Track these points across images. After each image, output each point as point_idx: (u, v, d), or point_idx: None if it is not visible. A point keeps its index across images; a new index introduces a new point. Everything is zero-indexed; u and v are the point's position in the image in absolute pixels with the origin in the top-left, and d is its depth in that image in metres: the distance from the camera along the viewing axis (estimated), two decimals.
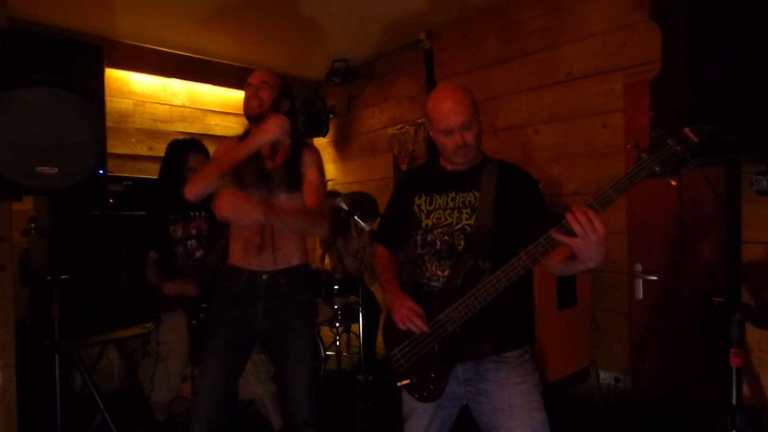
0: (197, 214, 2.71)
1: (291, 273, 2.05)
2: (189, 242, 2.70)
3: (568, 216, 1.25)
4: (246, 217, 1.75)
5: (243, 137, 2.07)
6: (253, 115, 2.02)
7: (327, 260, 4.25)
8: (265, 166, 2.04)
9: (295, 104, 2.16)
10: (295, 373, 2.03)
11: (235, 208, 1.74)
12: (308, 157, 2.11)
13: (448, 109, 1.57)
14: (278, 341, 2.08)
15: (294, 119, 2.10)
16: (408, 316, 1.57)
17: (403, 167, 4.37)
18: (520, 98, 3.44)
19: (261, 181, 2.01)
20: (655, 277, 2.61)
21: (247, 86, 2.07)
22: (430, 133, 1.69)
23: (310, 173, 2.11)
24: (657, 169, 1.19)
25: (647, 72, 2.56)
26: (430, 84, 3.98)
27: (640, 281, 2.65)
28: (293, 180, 2.03)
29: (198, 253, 2.67)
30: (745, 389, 2.10)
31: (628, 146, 1.25)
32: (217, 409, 1.96)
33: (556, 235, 1.28)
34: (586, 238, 1.23)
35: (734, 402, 1.74)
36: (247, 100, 2.05)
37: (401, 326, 1.60)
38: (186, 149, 2.73)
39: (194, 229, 2.71)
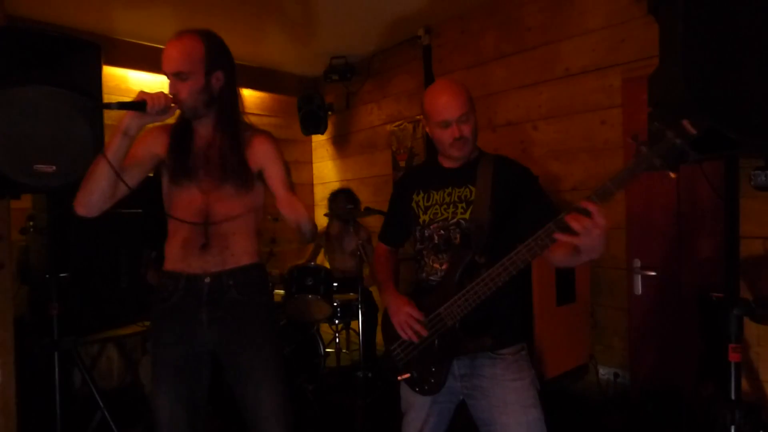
0: None
1: (240, 273, 1.71)
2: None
3: (568, 218, 1.23)
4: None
5: (178, 122, 1.78)
6: (178, 108, 1.74)
7: (321, 257, 4.25)
8: (205, 155, 1.72)
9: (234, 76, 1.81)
10: (259, 398, 1.67)
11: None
12: (260, 146, 1.75)
13: (445, 101, 1.59)
14: (232, 359, 1.70)
15: (234, 97, 1.79)
16: (407, 323, 1.58)
17: (402, 164, 4.37)
18: (519, 94, 3.44)
19: (196, 172, 1.70)
20: (653, 273, 2.62)
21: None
22: (427, 128, 1.70)
23: (270, 165, 1.74)
24: (657, 162, 1.19)
25: (646, 67, 2.56)
26: (429, 81, 3.98)
27: (639, 277, 2.65)
28: (243, 175, 1.71)
29: None
30: (744, 384, 2.10)
31: (628, 139, 1.25)
32: None
33: (558, 236, 1.27)
34: (589, 234, 1.21)
35: (733, 397, 1.75)
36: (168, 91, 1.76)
37: (402, 334, 1.61)
38: None
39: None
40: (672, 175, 1.20)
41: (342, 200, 3.97)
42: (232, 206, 1.71)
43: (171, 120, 1.75)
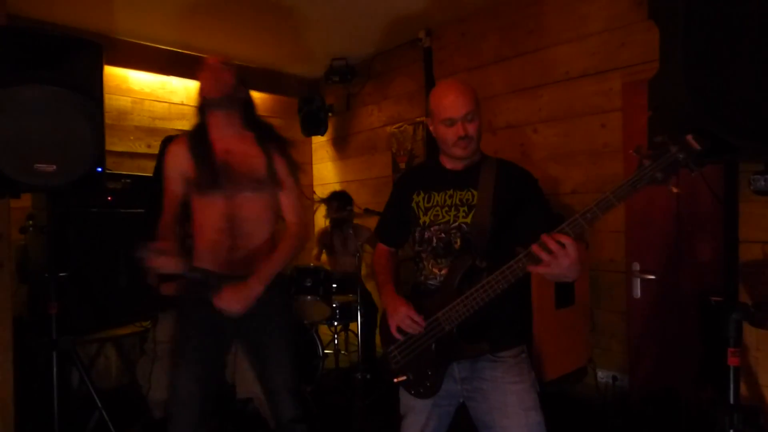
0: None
1: None
2: (187, 240, 2.70)
3: (534, 247, 1.30)
4: (251, 300, 1.80)
5: (194, 134, 1.94)
6: (215, 97, 1.87)
7: (324, 258, 4.25)
8: (226, 164, 1.89)
9: (249, 93, 2.02)
10: (274, 376, 1.95)
11: (244, 303, 1.79)
12: (279, 153, 1.97)
13: (452, 99, 1.59)
14: (254, 345, 1.98)
15: (251, 108, 2.00)
16: (404, 322, 1.58)
17: (402, 166, 4.37)
18: (519, 97, 3.44)
19: (221, 182, 1.86)
20: (652, 276, 2.62)
21: (205, 68, 1.90)
22: (431, 127, 1.69)
23: (284, 177, 1.97)
24: (659, 176, 1.19)
25: (646, 71, 2.57)
26: (429, 83, 3.99)
27: (638, 280, 2.66)
28: (260, 179, 1.91)
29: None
30: (743, 388, 2.10)
31: (630, 151, 1.25)
32: (197, 420, 1.82)
33: (530, 268, 1.33)
34: (554, 265, 1.28)
35: (732, 401, 1.75)
36: (206, 81, 1.87)
37: (396, 334, 1.61)
38: None
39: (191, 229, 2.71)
40: (674, 189, 1.21)
41: (335, 206, 3.97)
42: (254, 208, 1.90)
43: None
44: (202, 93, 1.89)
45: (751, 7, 1.43)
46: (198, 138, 1.92)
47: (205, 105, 1.92)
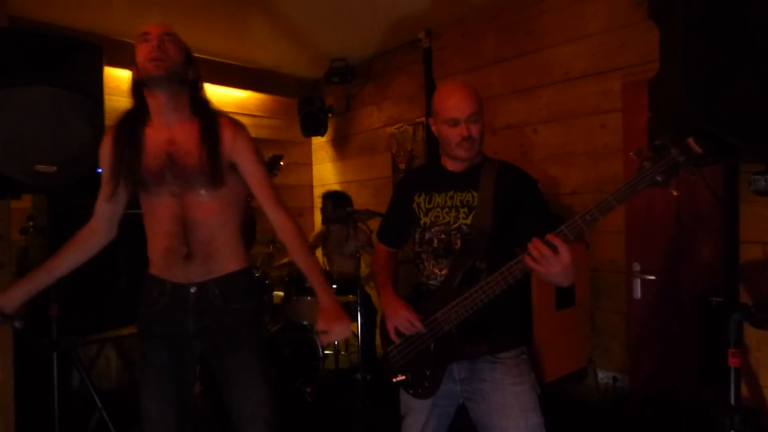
0: None
1: (226, 281, 1.65)
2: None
3: (530, 246, 1.32)
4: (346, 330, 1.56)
5: (126, 121, 1.63)
6: (157, 75, 1.54)
7: (322, 260, 4.25)
8: (170, 156, 1.58)
9: (198, 72, 1.68)
10: (243, 403, 1.63)
11: (346, 321, 1.57)
12: (235, 138, 1.62)
13: (457, 100, 1.60)
14: (219, 365, 1.67)
15: (200, 90, 1.68)
16: (403, 325, 1.59)
17: (402, 166, 4.37)
18: (519, 98, 3.44)
19: (165, 179, 1.57)
20: (653, 277, 2.62)
21: (144, 38, 1.59)
22: (433, 127, 1.70)
23: (251, 167, 1.64)
24: (659, 178, 1.20)
25: (646, 72, 2.57)
26: (429, 83, 3.99)
27: (638, 281, 2.66)
28: (216, 174, 1.58)
29: None
30: (744, 389, 2.10)
31: (631, 154, 1.26)
32: None
33: (528, 261, 1.35)
34: (549, 268, 1.30)
35: (732, 402, 1.75)
36: (146, 55, 1.56)
37: (393, 336, 1.63)
38: None
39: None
40: (674, 193, 1.21)
41: (330, 206, 3.96)
42: (209, 207, 1.60)
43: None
44: (141, 69, 1.58)
45: (750, 8, 1.43)
46: (131, 125, 1.62)
47: (143, 84, 1.60)
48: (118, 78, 3.96)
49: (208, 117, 1.64)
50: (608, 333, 3.00)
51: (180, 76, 1.58)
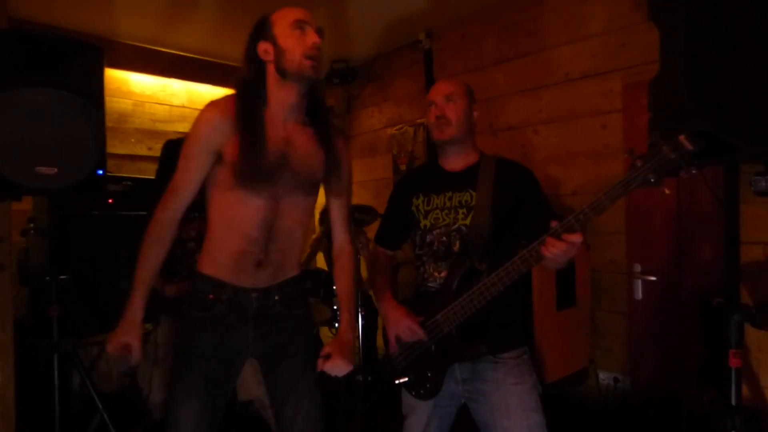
0: (197, 215, 2.69)
1: (285, 287, 1.58)
2: (188, 244, 2.69)
3: (543, 249, 1.33)
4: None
5: (247, 104, 1.47)
6: (310, 77, 1.47)
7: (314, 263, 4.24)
8: (285, 156, 1.47)
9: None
10: (300, 409, 1.56)
11: (351, 359, 1.51)
12: (345, 150, 1.60)
13: (436, 86, 1.70)
14: (275, 370, 1.59)
15: (320, 94, 1.60)
16: (406, 335, 1.60)
17: (402, 168, 4.37)
18: (519, 99, 3.44)
19: (274, 178, 1.45)
20: (654, 278, 2.61)
21: (299, 25, 1.47)
22: (426, 121, 1.76)
23: (347, 184, 1.62)
24: (651, 177, 1.19)
25: (646, 72, 2.56)
26: (430, 84, 3.98)
27: (639, 281, 2.65)
28: (316, 183, 1.55)
29: (197, 255, 2.66)
30: (745, 390, 2.09)
31: (625, 154, 1.26)
32: None
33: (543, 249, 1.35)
34: (568, 254, 1.33)
35: (733, 403, 1.75)
36: (305, 50, 1.44)
37: (393, 344, 1.65)
38: None
39: (193, 231, 2.70)
40: (667, 190, 1.20)
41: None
42: (299, 216, 1.54)
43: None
44: (290, 60, 1.42)
45: (750, 9, 1.43)
46: (253, 111, 1.45)
47: (282, 74, 1.45)
48: (118, 80, 3.98)
49: (326, 124, 1.56)
50: (609, 334, 3.00)
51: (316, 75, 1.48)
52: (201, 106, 1.54)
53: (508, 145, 3.48)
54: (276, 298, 1.55)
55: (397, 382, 1.68)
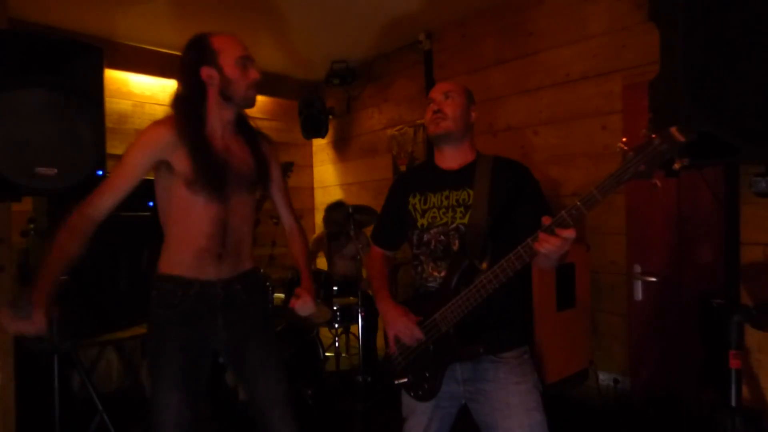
0: None
1: (245, 278, 1.78)
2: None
3: (536, 245, 1.32)
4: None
5: (188, 120, 1.63)
6: (249, 104, 1.72)
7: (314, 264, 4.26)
8: (227, 163, 1.68)
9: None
10: (270, 390, 1.76)
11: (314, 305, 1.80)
12: (273, 154, 1.86)
13: (437, 86, 1.72)
14: (241, 356, 1.78)
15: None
16: (404, 333, 1.61)
17: (402, 168, 4.37)
18: (519, 99, 3.44)
19: (222, 183, 1.64)
20: (654, 279, 2.61)
21: (245, 54, 1.68)
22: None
23: (279, 178, 1.89)
24: (642, 168, 1.19)
25: (646, 73, 2.56)
26: (430, 85, 3.99)
27: (639, 282, 2.65)
28: (264, 180, 1.80)
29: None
30: (745, 391, 2.09)
31: (618, 144, 1.25)
32: None
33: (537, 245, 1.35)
34: (561, 249, 1.32)
35: (733, 404, 1.75)
36: (250, 79, 1.67)
37: (392, 344, 1.64)
38: None
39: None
40: (658, 183, 1.20)
41: (336, 219, 4.00)
42: (246, 213, 1.76)
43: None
44: (235, 87, 1.64)
45: (750, 10, 1.43)
46: (198, 128, 1.64)
47: (225, 96, 1.65)
48: (118, 80, 3.98)
49: (253, 132, 1.82)
50: (609, 334, 3.00)
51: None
52: None
53: (508, 145, 3.48)
54: (238, 287, 1.74)
55: (396, 382, 1.68)
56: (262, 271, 3.55)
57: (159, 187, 1.69)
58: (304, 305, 1.76)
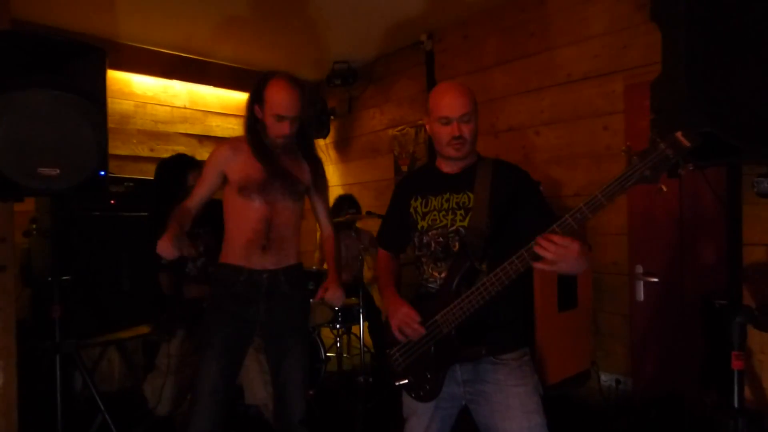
0: (201, 231, 2.72)
1: (289, 272, 2.08)
2: (199, 260, 2.73)
3: (536, 248, 1.31)
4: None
5: (258, 142, 2.02)
6: (282, 144, 2.04)
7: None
8: (286, 170, 2.05)
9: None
10: (292, 371, 2.06)
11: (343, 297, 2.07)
12: (317, 167, 2.16)
13: (450, 99, 1.61)
14: (276, 340, 2.09)
15: (305, 128, 2.12)
16: (404, 322, 1.59)
17: (404, 168, 4.38)
18: (521, 100, 3.44)
19: (274, 190, 2.01)
20: (655, 279, 2.61)
21: (282, 86, 1.97)
22: (427, 126, 1.71)
23: (323, 192, 2.21)
24: (648, 173, 1.18)
25: (648, 74, 2.56)
26: (431, 85, 3.99)
27: (641, 283, 2.65)
28: (301, 191, 2.11)
29: (211, 269, 2.69)
30: (747, 392, 2.09)
31: (621, 149, 1.25)
32: (216, 414, 1.94)
33: (537, 265, 1.34)
34: (564, 260, 1.29)
35: (736, 404, 1.74)
36: (282, 129, 1.98)
37: (397, 335, 1.62)
38: (184, 167, 2.77)
39: (202, 246, 2.73)
40: (663, 188, 1.20)
41: (345, 207, 4.01)
42: (289, 216, 2.07)
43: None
44: (273, 130, 1.97)
45: (752, 10, 1.43)
46: (262, 146, 2.03)
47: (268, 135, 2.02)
48: (121, 81, 3.99)
49: (305, 151, 2.15)
50: (611, 335, 2.99)
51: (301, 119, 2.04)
52: (202, 107, 1.96)
53: (510, 146, 3.48)
54: (282, 279, 2.05)
55: (396, 383, 1.68)
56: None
57: (224, 194, 2.07)
58: (335, 295, 2.03)
